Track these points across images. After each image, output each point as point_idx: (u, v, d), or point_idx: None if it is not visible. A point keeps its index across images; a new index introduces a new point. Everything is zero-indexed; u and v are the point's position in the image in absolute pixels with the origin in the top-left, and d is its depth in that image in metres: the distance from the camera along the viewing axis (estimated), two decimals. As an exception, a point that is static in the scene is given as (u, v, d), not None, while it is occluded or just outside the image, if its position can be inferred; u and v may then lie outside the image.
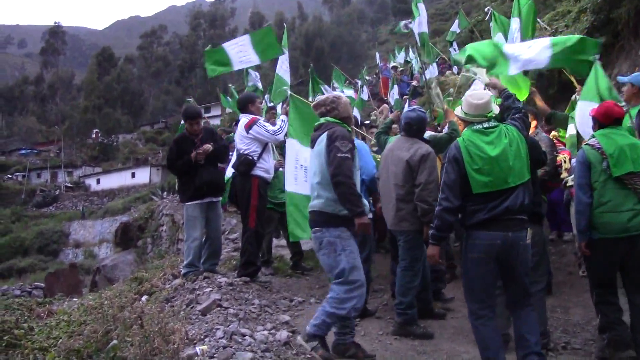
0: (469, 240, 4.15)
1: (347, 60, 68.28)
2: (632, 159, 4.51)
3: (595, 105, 5.11)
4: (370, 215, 5.65)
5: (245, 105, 6.97)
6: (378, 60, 26.45)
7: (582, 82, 5.78)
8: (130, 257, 15.83)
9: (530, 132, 5.04)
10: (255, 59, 8.61)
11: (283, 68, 9.60)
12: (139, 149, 68.87)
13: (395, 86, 16.18)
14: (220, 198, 7.17)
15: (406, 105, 11.38)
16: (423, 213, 5.21)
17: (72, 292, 13.59)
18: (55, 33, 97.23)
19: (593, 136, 4.85)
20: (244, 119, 6.82)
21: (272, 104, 10.01)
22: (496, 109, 4.36)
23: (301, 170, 6.61)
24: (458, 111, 4.46)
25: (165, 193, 28.32)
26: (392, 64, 22.60)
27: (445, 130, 6.75)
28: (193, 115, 6.97)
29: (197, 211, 6.80)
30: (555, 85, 10.72)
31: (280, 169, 7.72)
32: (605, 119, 4.75)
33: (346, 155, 4.38)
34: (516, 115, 4.38)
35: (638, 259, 4.55)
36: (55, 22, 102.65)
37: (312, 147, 4.71)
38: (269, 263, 7.81)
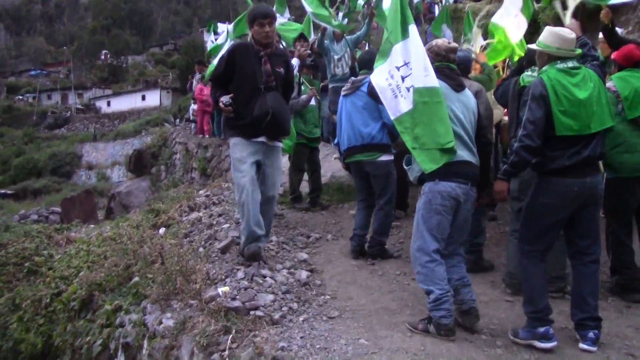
0: (544, 185, 4.00)
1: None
2: None
3: None
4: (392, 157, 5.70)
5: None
6: None
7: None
8: (145, 184, 15.94)
9: None
10: None
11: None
12: (148, 71, 68.17)
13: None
14: (281, 144, 5.33)
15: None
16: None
17: (88, 218, 13.80)
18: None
19: (610, 79, 4.89)
20: None
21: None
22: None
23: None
24: (538, 45, 4.11)
25: (177, 120, 28.09)
26: None
27: None
28: (265, 13, 4.97)
29: (246, 150, 4.93)
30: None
31: (313, 103, 7.49)
32: (625, 62, 4.86)
33: None
34: (594, 62, 4.24)
35: None
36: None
37: (456, 90, 4.25)
38: (299, 199, 7.76)
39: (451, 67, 4.32)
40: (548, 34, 4.05)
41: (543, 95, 3.86)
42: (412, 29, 4.25)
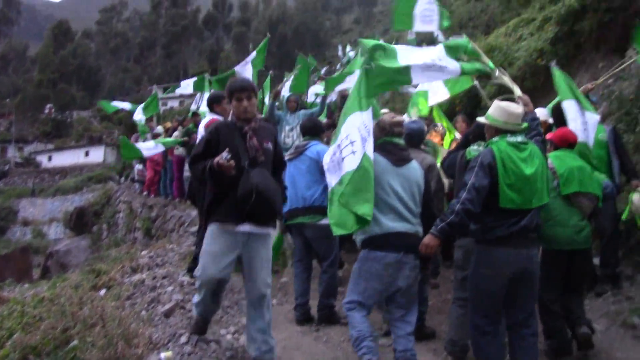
0: (483, 255, 4.13)
1: (310, 47, 68.10)
2: (579, 180, 4.90)
3: (574, 104, 5.45)
4: None
5: (211, 104, 6.78)
6: (340, 52, 24.61)
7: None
8: (85, 242, 15.51)
9: None
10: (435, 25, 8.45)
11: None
12: (93, 126, 67.16)
13: None
14: (272, 231, 4.50)
15: None
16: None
17: (22, 277, 13.31)
18: (10, 3, 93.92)
19: (548, 157, 5.17)
20: (206, 119, 6.69)
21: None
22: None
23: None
24: (487, 118, 4.34)
25: (122, 179, 27.52)
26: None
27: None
28: (242, 87, 4.38)
29: (224, 243, 4.22)
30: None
31: None
32: (561, 143, 5.19)
33: None
34: (538, 138, 4.39)
35: (579, 268, 4.98)
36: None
37: (397, 164, 4.37)
38: None
39: (394, 142, 4.44)
40: (496, 107, 4.30)
41: (491, 165, 4.02)
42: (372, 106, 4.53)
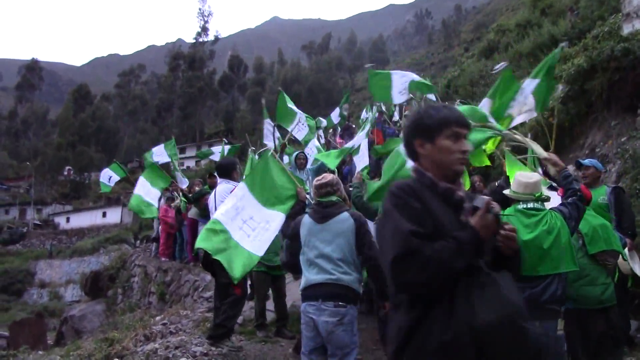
0: None
1: (324, 106, 69.13)
2: (604, 238, 4.82)
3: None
4: None
5: (230, 171, 6.83)
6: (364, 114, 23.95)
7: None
8: (99, 307, 15.42)
9: None
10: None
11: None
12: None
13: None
14: None
15: None
16: None
17: (37, 343, 13.27)
18: (32, 68, 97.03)
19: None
20: (228, 185, 6.63)
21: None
22: (545, 192, 4.34)
23: (247, 226, 5.63)
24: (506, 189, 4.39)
25: (137, 242, 27.41)
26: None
27: None
28: (465, 120, 2.45)
29: None
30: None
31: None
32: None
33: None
34: (569, 199, 4.32)
35: (611, 326, 4.81)
36: (32, 58, 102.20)
37: (320, 222, 4.58)
38: (263, 327, 7.66)
39: (319, 201, 4.71)
40: (514, 179, 4.37)
41: None
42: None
